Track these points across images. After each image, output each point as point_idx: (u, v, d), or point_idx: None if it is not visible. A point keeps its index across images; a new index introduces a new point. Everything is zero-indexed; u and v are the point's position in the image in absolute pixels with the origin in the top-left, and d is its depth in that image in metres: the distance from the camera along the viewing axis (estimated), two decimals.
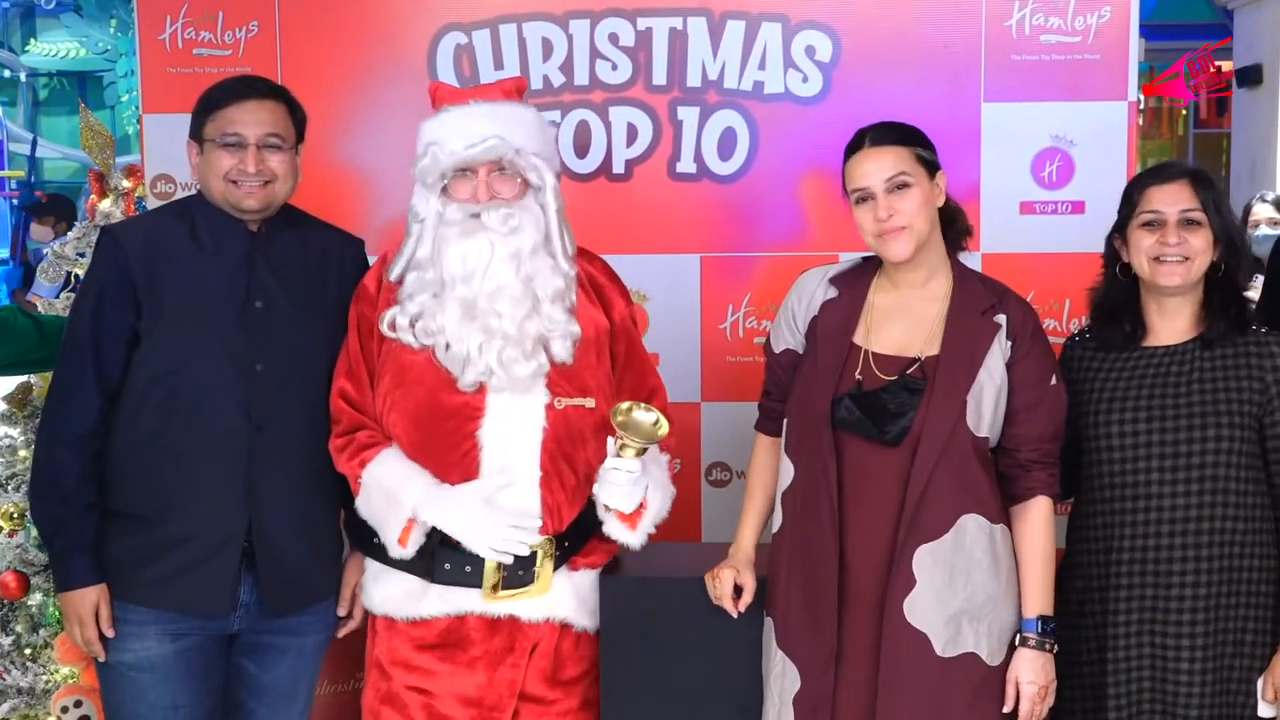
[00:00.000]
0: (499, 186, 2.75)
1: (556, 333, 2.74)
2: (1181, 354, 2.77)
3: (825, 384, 2.63)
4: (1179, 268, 2.73)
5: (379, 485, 2.73)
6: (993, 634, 2.58)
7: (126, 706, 2.76)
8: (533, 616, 2.80)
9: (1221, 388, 2.72)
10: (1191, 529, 2.70)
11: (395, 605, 2.82)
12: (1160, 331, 2.80)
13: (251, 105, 2.78)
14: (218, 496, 2.72)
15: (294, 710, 2.93)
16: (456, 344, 2.72)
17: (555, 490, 2.77)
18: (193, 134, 2.83)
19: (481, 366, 2.70)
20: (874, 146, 2.64)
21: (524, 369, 2.71)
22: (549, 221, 2.79)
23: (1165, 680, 2.73)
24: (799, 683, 2.61)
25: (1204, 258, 2.74)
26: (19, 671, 3.55)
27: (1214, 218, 2.73)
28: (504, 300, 2.72)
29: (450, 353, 2.73)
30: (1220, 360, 2.74)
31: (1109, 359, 2.82)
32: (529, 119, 2.82)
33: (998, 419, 2.60)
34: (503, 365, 2.70)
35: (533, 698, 2.84)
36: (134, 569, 2.73)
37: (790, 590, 2.65)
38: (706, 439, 3.75)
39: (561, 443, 2.76)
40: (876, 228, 2.61)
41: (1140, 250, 2.76)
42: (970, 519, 2.56)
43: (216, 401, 2.72)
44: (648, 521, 2.81)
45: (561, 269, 2.79)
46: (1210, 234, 2.73)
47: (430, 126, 2.80)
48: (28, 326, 3.20)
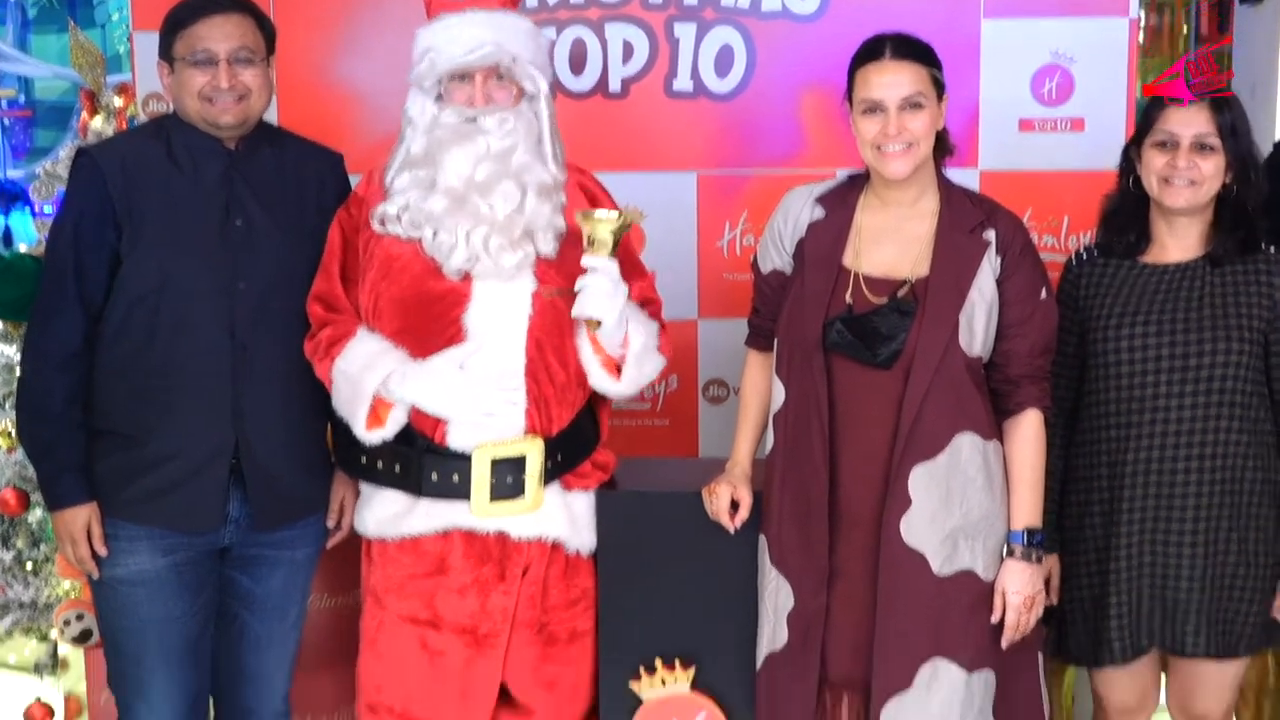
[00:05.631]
0: (495, 93, 2.72)
1: (541, 224, 2.71)
2: (1190, 271, 2.75)
3: (815, 308, 2.58)
4: (1186, 190, 2.69)
5: (343, 375, 2.68)
6: (988, 550, 2.56)
7: (122, 620, 2.75)
8: (523, 534, 2.76)
9: (1231, 304, 2.71)
10: (1197, 441, 2.69)
11: (386, 526, 2.78)
12: (1170, 248, 2.79)
13: (218, 20, 2.71)
14: (203, 415, 2.69)
15: (287, 622, 2.92)
16: (445, 231, 2.67)
17: (543, 382, 2.72)
18: (162, 54, 2.78)
19: (468, 253, 2.66)
20: (894, 60, 2.56)
21: (510, 258, 2.67)
22: (542, 129, 2.77)
23: (1166, 589, 2.73)
24: (792, 600, 2.60)
25: (1214, 182, 2.70)
26: (21, 586, 3.55)
27: (1229, 142, 2.69)
28: (495, 194, 2.68)
29: (438, 240, 2.68)
30: (1229, 278, 2.72)
31: (1118, 275, 2.80)
32: (524, 28, 2.77)
33: (989, 336, 2.56)
34: (489, 252, 2.66)
35: (525, 622, 2.81)
36: (123, 486, 2.70)
37: (783, 511, 2.63)
38: (703, 356, 3.74)
39: (550, 333, 2.71)
40: (879, 140, 2.55)
41: (1151, 169, 2.73)
42: (965, 437, 2.53)
43: (199, 321, 2.68)
44: (632, 366, 2.76)
45: (551, 171, 2.75)
46: (1223, 159, 2.70)
47: (427, 33, 2.76)
48: (34, 269, 3.15)
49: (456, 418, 2.69)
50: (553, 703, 2.89)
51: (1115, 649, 2.78)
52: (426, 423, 2.72)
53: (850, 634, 2.57)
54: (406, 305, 2.70)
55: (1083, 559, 2.82)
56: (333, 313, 2.74)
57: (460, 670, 2.81)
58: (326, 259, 2.77)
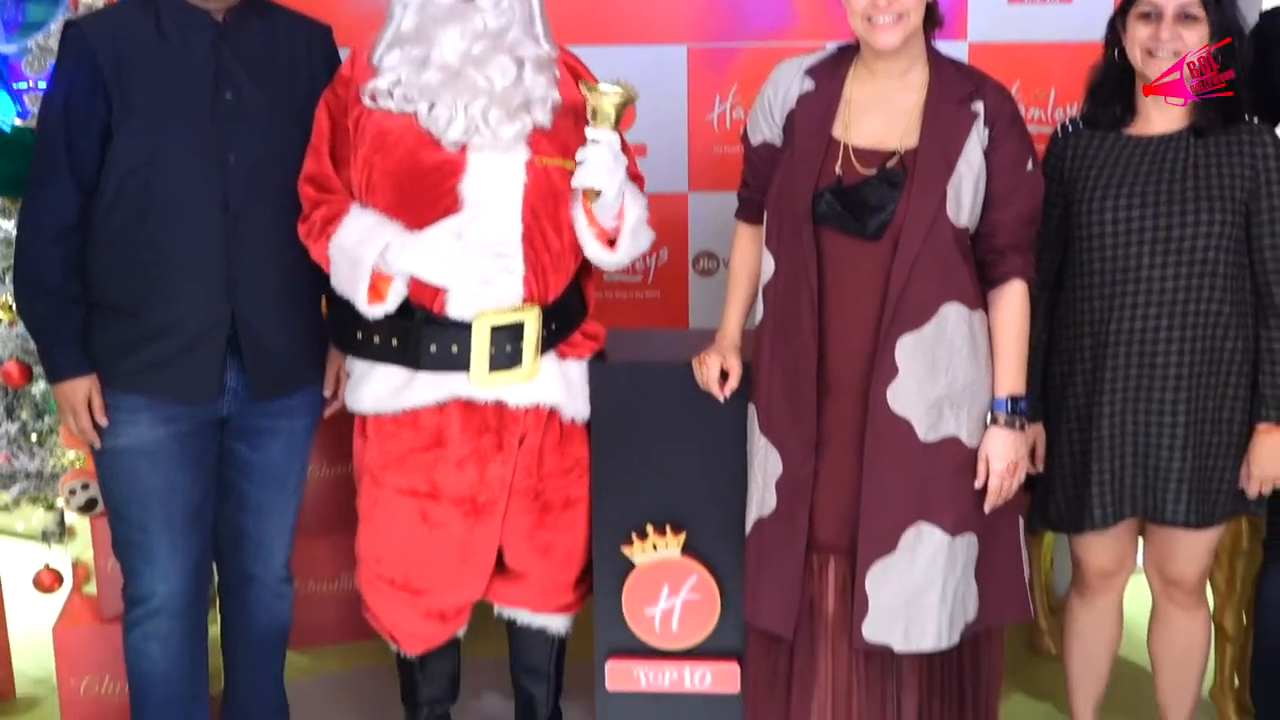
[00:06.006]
0: None
1: (538, 95, 2.70)
2: (1175, 142, 2.74)
3: (805, 179, 2.57)
4: (1169, 63, 2.67)
5: (340, 251, 2.67)
6: (973, 417, 2.57)
7: (124, 490, 2.77)
8: (520, 402, 2.78)
9: (1214, 174, 2.70)
10: (1179, 310, 2.70)
11: (384, 401, 2.79)
12: (1154, 120, 2.78)
13: None
14: (198, 288, 2.68)
15: (286, 490, 2.95)
16: (441, 105, 2.66)
17: (540, 249, 2.72)
18: None
19: (466, 124, 2.65)
20: None
21: (509, 129, 2.66)
22: (533, 7, 2.76)
23: (1148, 457, 2.76)
24: (781, 467, 2.61)
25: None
26: (26, 456, 3.56)
27: (1214, 13, 2.66)
28: (491, 67, 2.66)
29: (434, 114, 2.66)
30: (1213, 148, 2.71)
31: (1103, 147, 2.79)
32: None
33: (976, 207, 2.55)
34: (489, 124, 2.65)
35: (521, 490, 2.86)
36: (121, 358, 2.70)
37: (772, 380, 2.63)
38: (694, 229, 3.75)
39: (544, 200, 2.71)
40: (869, 12, 2.51)
41: (1135, 41, 2.72)
42: (951, 307, 2.53)
43: (191, 194, 2.66)
44: (626, 238, 2.78)
45: (544, 48, 2.75)
46: (1207, 29, 2.67)
47: None
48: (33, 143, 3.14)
49: (455, 287, 2.69)
50: (547, 568, 2.94)
51: (1096, 516, 2.81)
52: (425, 294, 2.72)
53: (837, 499, 2.58)
54: (401, 177, 2.69)
55: (1065, 427, 2.85)
56: (325, 193, 2.73)
57: (459, 539, 2.86)
58: (315, 140, 2.75)
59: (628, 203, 2.76)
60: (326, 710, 3.56)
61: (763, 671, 2.76)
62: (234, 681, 3.11)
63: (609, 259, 2.81)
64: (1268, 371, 2.75)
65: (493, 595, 3.00)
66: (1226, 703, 3.40)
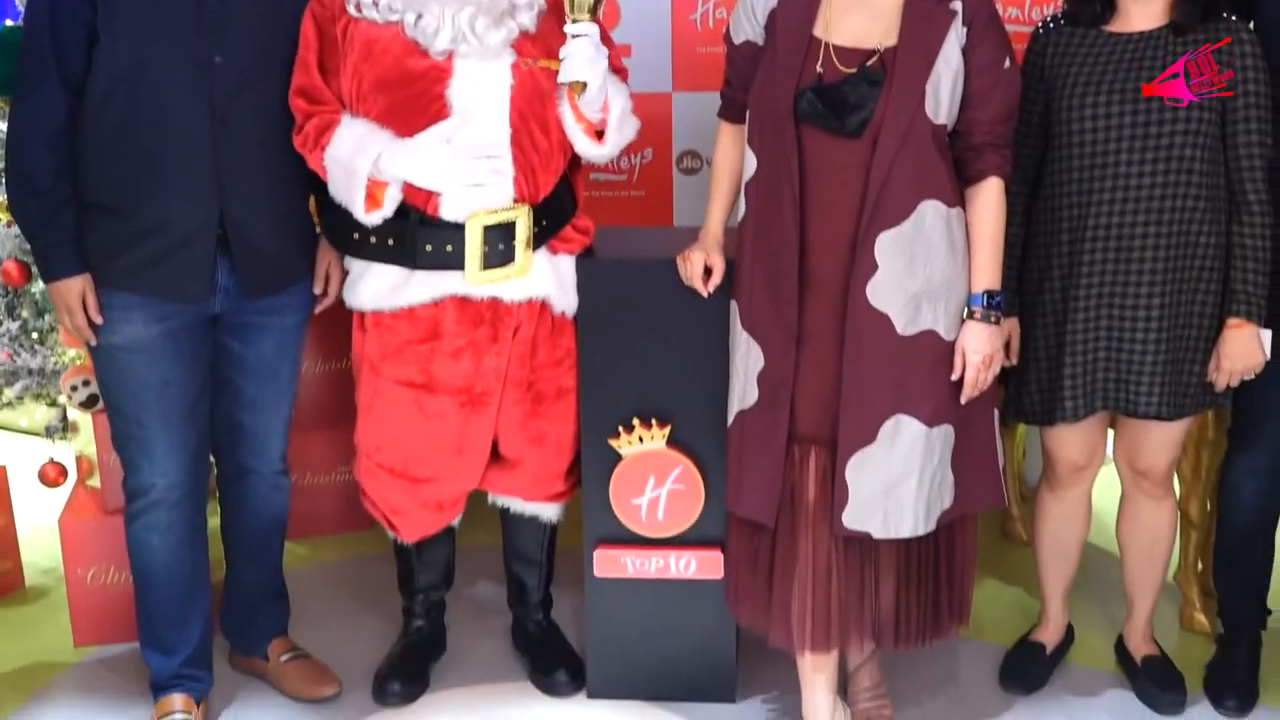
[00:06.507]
0: None
1: (522, 1, 2.70)
2: (1154, 39, 2.73)
3: (786, 78, 2.56)
4: None
5: (336, 161, 2.68)
6: (949, 312, 2.59)
7: (121, 385, 2.79)
8: (514, 297, 2.82)
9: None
10: (1155, 207, 2.71)
11: (383, 299, 2.82)
12: (1134, 17, 2.76)
13: None
14: (187, 189, 2.67)
15: (280, 385, 2.97)
16: (428, 15, 2.65)
17: (528, 151, 2.74)
18: None
19: (453, 33, 2.65)
20: None
21: (495, 36, 2.66)
22: None
23: (1121, 352, 2.79)
24: (763, 361, 2.63)
25: None
26: (28, 354, 3.58)
27: None
28: None
29: (421, 23, 2.66)
30: (1191, 46, 2.69)
31: (1084, 45, 2.78)
32: None
33: (954, 105, 2.55)
34: (475, 33, 2.65)
35: (515, 381, 2.90)
36: (114, 257, 2.70)
37: (754, 276, 2.64)
38: (678, 128, 3.72)
39: (531, 102, 2.71)
40: None
41: None
42: (929, 204, 2.53)
43: (178, 96, 2.64)
44: (613, 129, 2.79)
45: None
46: None
47: None
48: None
49: (447, 190, 2.71)
50: (540, 456, 2.99)
51: (1068, 408, 2.84)
52: (419, 196, 2.74)
53: (817, 392, 2.60)
54: (390, 85, 2.68)
55: (1040, 322, 2.87)
56: (316, 105, 2.72)
57: (455, 429, 2.91)
58: (303, 52, 2.73)
59: (611, 94, 2.76)
60: (325, 597, 3.63)
61: (745, 558, 2.79)
62: (235, 570, 3.16)
63: (598, 152, 2.83)
64: (1239, 268, 2.76)
65: (487, 484, 3.05)
66: (1190, 586, 3.46)
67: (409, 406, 2.89)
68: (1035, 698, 3.13)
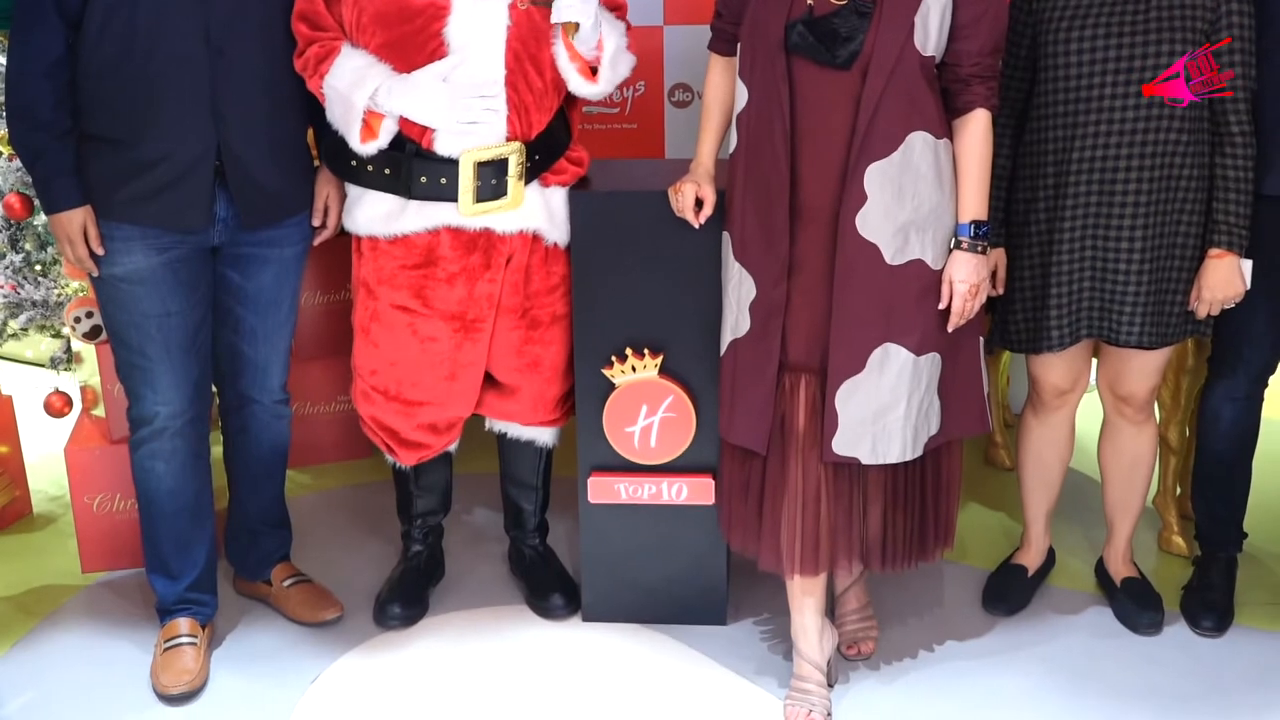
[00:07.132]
0: None
1: None
2: None
3: (777, 10, 2.55)
4: None
5: (334, 90, 2.69)
6: (937, 241, 2.59)
7: (122, 315, 2.80)
8: (507, 228, 2.83)
9: (1177, 5, 2.69)
10: (1139, 140, 2.71)
11: (377, 225, 2.84)
12: None
13: None
14: (184, 120, 2.67)
15: (279, 316, 2.98)
16: None
17: (522, 90, 2.74)
18: None
19: None
20: None
21: None
22: None
23: (1105, 282, 2.80)
24: (754, 291, 2.64)
25: None
26: (32, 286, 3.58)
27: None
28: None
29: None
30: None
31: None
32: None
33: (942, 37, 2.54)
34: None
35: (509, 308, 2.92)
36: (114, 189, 2.70)
37: (745, 207, 2.64)
38: (669, 61, 3.70)
39: (526, 42, 2.71)
40: None
41: None
42: (917, 136, 2.53)
43: (174, 28, 2.63)
44: (607, 67, 2.79)
45: None
46: None
47: None
48: None
49: (442, 127, 2.72)
50: (535, 382, 3.02)
51: (1054, 337, 2.86)
52: (414, 129, 2.74)
53: (808, 321, 2.61)
54: (388, 20, 2.68)
55: (1026, 252, 2.88)
56: (318, 30, 2.72)
57: (449, 354, 2.93)
58: None
59: (605, 32, 2.76)
60: (326, 523, 3.67)
61: (736, 484, 2.81)
62: (238, 498, 3.19)
63: (592, 89, 2.83)
64: (1220, 199, 2.78)
65: (484, 409, 3.08)
66: (1169, 510, 3.51)
67: (403, 330, 2.91)
68: (1017, 618, 3.18)
